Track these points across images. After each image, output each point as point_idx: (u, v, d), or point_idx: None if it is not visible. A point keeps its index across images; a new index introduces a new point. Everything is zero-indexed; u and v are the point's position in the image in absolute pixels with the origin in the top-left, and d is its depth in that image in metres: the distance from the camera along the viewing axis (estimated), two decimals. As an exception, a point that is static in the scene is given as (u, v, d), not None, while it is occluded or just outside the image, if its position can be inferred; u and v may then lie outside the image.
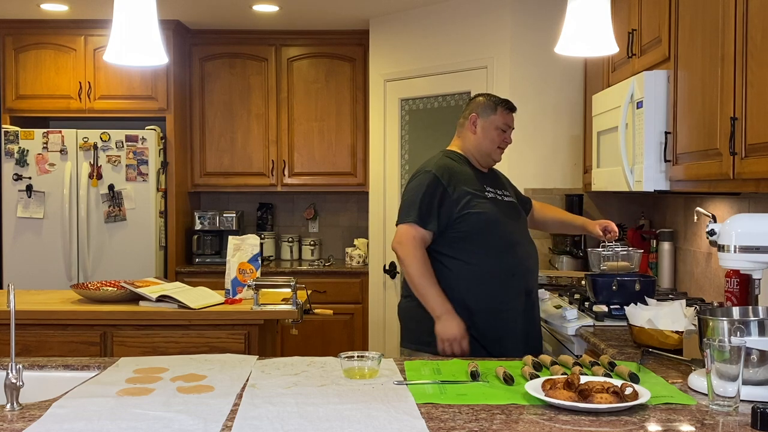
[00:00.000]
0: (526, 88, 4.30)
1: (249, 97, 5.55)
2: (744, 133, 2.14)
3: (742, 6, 2.14)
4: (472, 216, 2.71)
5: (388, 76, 5.02)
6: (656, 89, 2.82)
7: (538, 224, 3.25)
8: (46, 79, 5.20)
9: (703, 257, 3.29)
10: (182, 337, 3.10)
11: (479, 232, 2.72)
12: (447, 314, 2.65)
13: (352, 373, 2.01)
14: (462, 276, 2.71)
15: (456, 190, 2.72)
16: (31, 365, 2.16)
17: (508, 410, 1.72)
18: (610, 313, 2.87)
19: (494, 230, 2.74)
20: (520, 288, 2.75)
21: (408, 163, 4.90)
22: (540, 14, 4.27)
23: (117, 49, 2.03)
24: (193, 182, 5.57)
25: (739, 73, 2.16)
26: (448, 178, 2.74)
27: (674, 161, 2.73)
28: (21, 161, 4.98)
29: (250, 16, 5.11)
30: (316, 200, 5.93)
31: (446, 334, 2.64)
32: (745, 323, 1.80)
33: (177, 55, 5.26)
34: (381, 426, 1.59)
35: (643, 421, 1.63)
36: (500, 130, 2.84)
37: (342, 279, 5.31)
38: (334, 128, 5.57)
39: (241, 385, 1.92)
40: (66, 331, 3.11)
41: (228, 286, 3.38)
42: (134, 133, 5.02)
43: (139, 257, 5.01)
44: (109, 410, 1.70)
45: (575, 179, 4.33)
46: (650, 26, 2.98)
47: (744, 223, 1.98)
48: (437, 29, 4.71)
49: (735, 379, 1.66)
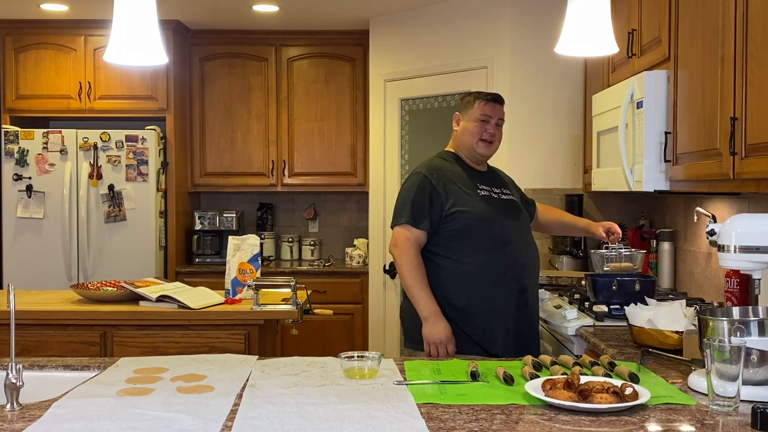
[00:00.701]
0: (526, 88, 4.30)
1: (249, 97, 5.55)
2: (744, 133, 2.14)
3: (742, 6, 2.14)
4: (461, 214, 2.73)
5: (388, 76, 5.02)
6: (656, 89, 2.82)
7: (541, 227, 3.25)
8: (46, 79, 5.20)
9: (703, 257, 3.29)
10: (182, 337, 3.10)
11: (469, 230, 2.73)
12: (434, 316, 2.66)
13: (352, 373, 2.01)
14: (453, 274, 2.73)
15: (446, 189, 2.75)
16: (31, 365, 2.16)
17: (508, 410, 1.72)
18: (610, 313, 2.87)
19: (485, 228, 2.74)
20: (512, 286, 2.75)
21: (408, 163, 4.90)
22: (540, 14, 4.27)
23: (117, 49, 2.03)
24: (193, 182, 5.57)
25: (739, 73, 2.16)
26: (437, 177, 2.76)
27: (674, 161, 2.73)
28: (21, 161, 4.98)
29: (250, 16, 5.11)
30: (316, 200, 5.93)
31: (432, 337, 2.65)
32: (745, 323, 1.80)
33: (177, 55, 5.26)
34: (381, 426, 1.59)
35: (643, 421, 1.63)
36: (479, 122, 2.83)
37: (342, 279, 5.31)
38: (334, 128, 5.57)
39: (241, 385, 1.92)
40: (66, 331, 3.11)
41: (228, 286, 3.38)
42: (134, 133, 5.02)
43: (139, 257, 5.01)
44: (109, 410, 1.70)
45: (575, 179, 4.33)
46: (650, 26, 2.98)
47: (744, 223, 1.98)
48: (437, 29, 4.71)
49: (735, 379, 1.66)
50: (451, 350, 2.65)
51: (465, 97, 2.94)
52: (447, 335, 2.65)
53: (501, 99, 2.89)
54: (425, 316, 2.67)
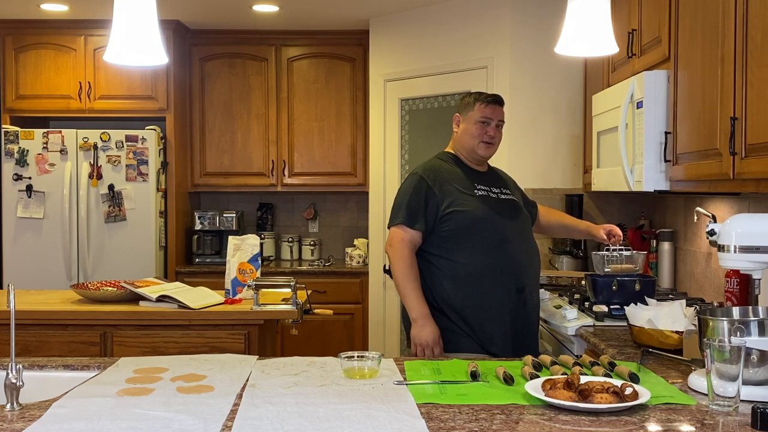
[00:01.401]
0: (526, 88, 4.30)
1: (249, 97, 5.55)
2: (744, 133, 2.14)
3: (742, 6, 2.14)
4: (458, 214, 2.73)
5: (388, 76, 5.02)
6: (656, 89, 2.82)
7: (542, 229, 3.25)
8: (46, 79, 5.20)
9: (703, 257, 3.29)
10: (182, 337, 3.10)
11: (465, 229, 2.73)
12: (423, 318, 2.68)
13: (352, 373, 2.01)
14: (449, 274, 2.73)
15: (442, 189, 2.76)
16: (31, 365, 2.16)
17: (508, 410, 1.72)
18: (610, 313, 2.87)
19: (481, 227, 2.74)
20: (509, 285, 2.75)
21: (408, 163, 4.90)
22: (540, 14, 4.27)
23: (117, 49, 2.03)
24: (193, 182, 5.57)
25: (739, 73, 2.16)
26: (433, 178, 2.78)
27: (674, 161, 2.73)
28: (21, 161, 4.98)
29: (250, 16, 5.11)
30: (316, 200, 5.93)
31: (420, 339, 2.67)
32: (745, 323, 1.79)
33: (177, 55, 5.26)
34: (381, 426, 1.59)
35: (643, 421, 1.63)
36: (480, 123, 2.84)
37: (342, 279, 5.31)
38: (334, 128, 5.57)
39: (241, 385, 1.92)
40: (66, 331, 3.11)
41: (228, 286, 3.38)
42: (134, 133, 5.02)
43: (139, 257, 5.01)
44: (109, 410, 1.70)
45: (575, 179, 4.33)
46: (650, 26, 2.98)
47: (744, 223, 1.98)
48: (437, 29, 4.71)
49: (735, 379, 1.66)
50: (437, 353, 2.66)
51: (465, 98, 2.93)
52: (434, 338, 2.66)
53: (501, 100, 2.89)
54: (414, 317, 2.69)
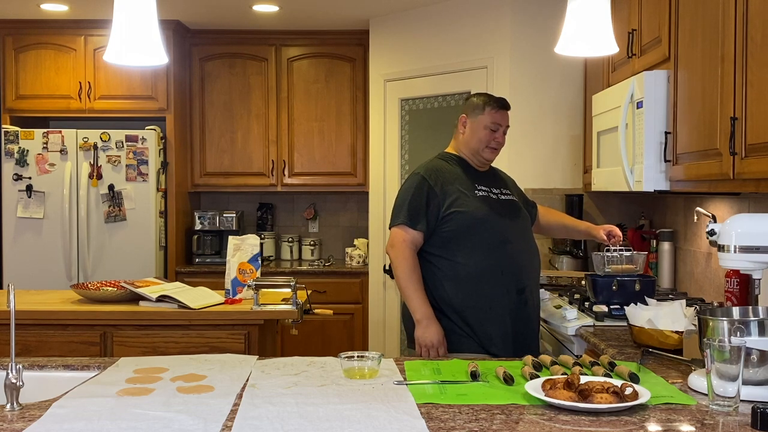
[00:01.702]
0: (525, 88, 4.30)
1: (249, 97, 5.55)
2: (744, 133, 2.14)
3: (742, 6, 2.14)
4: (458, 214, 2.73)
5: (388, 76, 5.02)
6: (656, 89, 2.82)
7: (542, 230, 3.25)
8: (46, 79, 5.20)
9: (703, 257, 3.29)
10: (182, 337, 3.10)
11: (466, 230, 2.73)
12: (427, 319, 2.68)
13: (352, 373, 2.01)
14: (449, 274, 2.73)
15: (443, 190, 2.75)
16: (31, 365, 2.16)
17: (508, 410, 1.72)
18: (610, 313, 2.87)
19: (482, 228, 2.74)
20: (509, 286, 2.75)
21: (408, 163, 4.90)
22: (540, 14, 4.27)
23: (117, 49, 2.03)
24: (193, 182, 5.57)
25: (739, 73, 2.16)
26: (435, 178, 2.77)
27: (674, 161, 2.73)
28: (21, 161, 4.98)
29: (250, 16, 5.11)
30: (316, 200, 5.93)
31: (424, 340, 2.67)
32: (745, 323, 1.80)
33: (177, 55, 5.26)
34: (381, 426, 1.59)
35: (643, 421, 1.63)
36: (489, 130, 2.84)
37: (342, 279, 5.31)
38: (334, 128, 5.57)
39: (241, 385, 1.92)
40: (66, 331, 3.11)
41: (228, 286, 3.38)
42: (134, 133, 5.02)
43: (139, 257, 5.01)
44: (109, 410, 1.70)
45: (575, 179, 4.33)
46: (650, 26, 2.98)
47: (744, 223, 1.98)
48: (437, 29, 4.71)
49: (735, 379, 1.66)
50: (442, 353, 2.66)
51: (472, 99, 2.91)
52: (439, 339, 2.66)
53: (509, 105, 2.90)
54: (418, 318, 2.69)
